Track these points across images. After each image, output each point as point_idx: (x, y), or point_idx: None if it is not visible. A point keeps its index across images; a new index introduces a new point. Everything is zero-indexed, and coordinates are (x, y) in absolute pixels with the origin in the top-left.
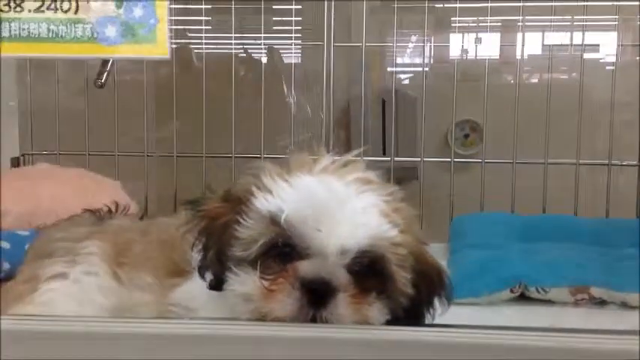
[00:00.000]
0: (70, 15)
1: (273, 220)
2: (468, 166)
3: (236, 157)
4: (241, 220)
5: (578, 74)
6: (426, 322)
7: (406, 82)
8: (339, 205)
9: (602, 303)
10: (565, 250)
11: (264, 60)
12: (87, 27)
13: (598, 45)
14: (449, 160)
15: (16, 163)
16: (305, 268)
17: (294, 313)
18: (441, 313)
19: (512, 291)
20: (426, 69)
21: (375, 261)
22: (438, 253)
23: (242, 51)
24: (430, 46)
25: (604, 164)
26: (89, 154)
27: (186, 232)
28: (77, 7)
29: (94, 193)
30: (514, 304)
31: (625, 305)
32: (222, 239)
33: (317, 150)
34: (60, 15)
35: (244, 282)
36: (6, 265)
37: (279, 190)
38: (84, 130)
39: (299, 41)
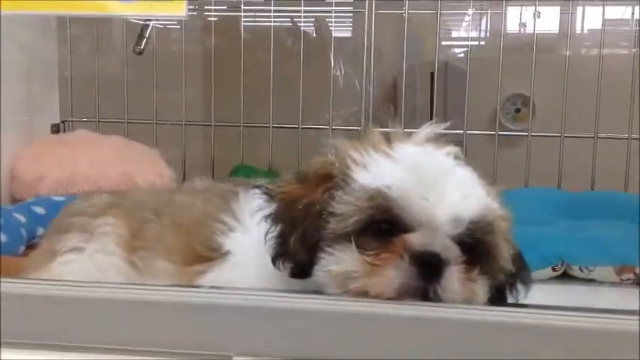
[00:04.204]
0: None
1: (375, 193)
2: (515, 140)
3: (274, 127)
4: (336, 196)
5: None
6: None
7: (461, 55)
8: (445, 175)
9: None
10: (612, 228)
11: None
12: None
13: None
14: (494, 133)
15: (56, 129)
16: (415, 240)
17: (404, 287)
18: (524, 296)
19: (554, 269)
20: (482, 42)
21: (485, 232)
22: None
23: (289, 21)
24: (487, 18)
25: None
26: (128, 122)
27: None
28: None
29: (132, 161)
30: (556, 282)
31: None
32: (308, 222)
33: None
34: None
35: (342, 259)
36: (40, 230)
37: (378, 162)
38: (123, 98)
39: (339, 7)
